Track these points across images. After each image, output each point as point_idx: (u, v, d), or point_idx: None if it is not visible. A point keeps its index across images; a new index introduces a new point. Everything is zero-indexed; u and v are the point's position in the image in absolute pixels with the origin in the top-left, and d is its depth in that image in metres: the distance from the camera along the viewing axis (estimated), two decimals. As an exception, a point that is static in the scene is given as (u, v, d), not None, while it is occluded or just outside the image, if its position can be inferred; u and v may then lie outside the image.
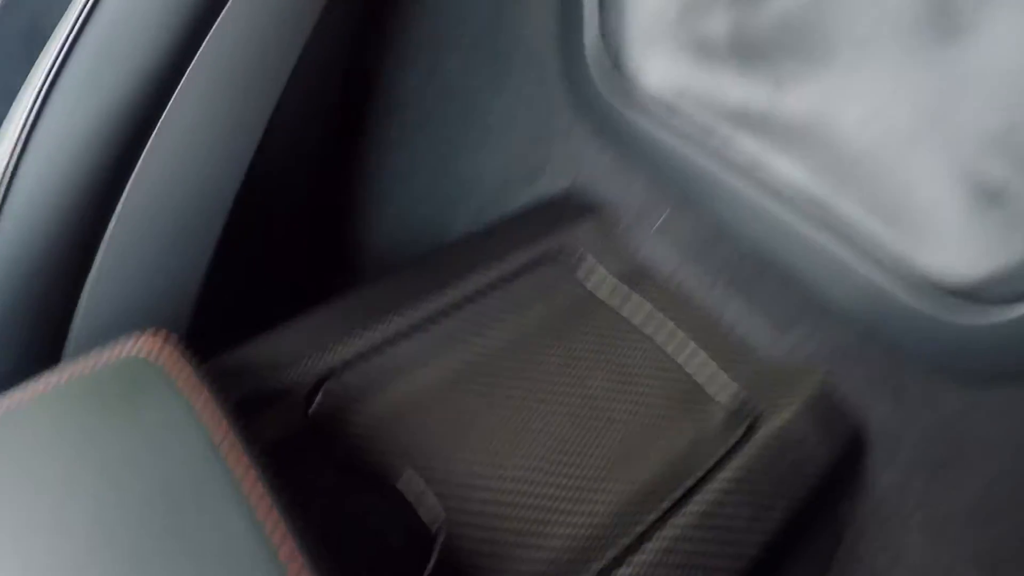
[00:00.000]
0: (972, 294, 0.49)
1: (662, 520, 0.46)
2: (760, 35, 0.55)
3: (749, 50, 0.56)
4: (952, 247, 0.49)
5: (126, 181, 0.53)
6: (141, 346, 0.39)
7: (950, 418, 0.52)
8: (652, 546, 0.44)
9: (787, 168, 0.55)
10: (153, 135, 0.53)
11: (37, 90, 0.50)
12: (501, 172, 0.73)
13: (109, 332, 0.54)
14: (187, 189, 0.58)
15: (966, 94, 0.48)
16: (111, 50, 0.51)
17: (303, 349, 0.50)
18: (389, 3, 0.76)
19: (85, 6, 0.50)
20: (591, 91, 0.64)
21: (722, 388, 0.54)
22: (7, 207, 0.50)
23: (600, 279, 0.60)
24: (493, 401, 0.51)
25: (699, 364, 0.55)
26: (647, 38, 0.61)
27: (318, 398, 0.48)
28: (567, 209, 0.65)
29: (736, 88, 0.57)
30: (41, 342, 0.55)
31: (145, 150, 0.53)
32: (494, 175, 0.73)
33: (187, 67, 0.54)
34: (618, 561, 0.44)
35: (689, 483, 0.48)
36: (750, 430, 0.52)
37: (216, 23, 0.54)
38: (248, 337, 0.49)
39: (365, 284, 0.56)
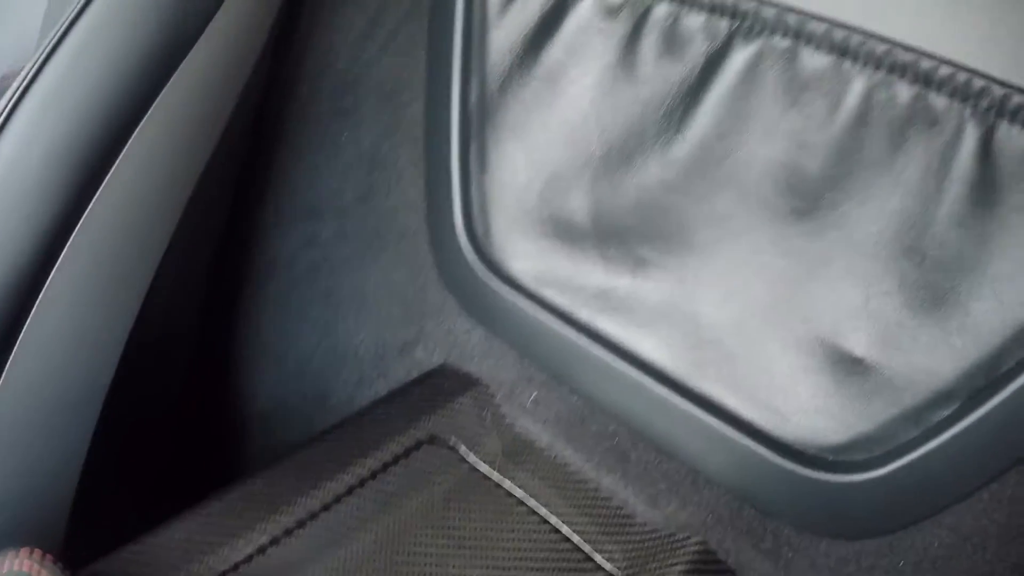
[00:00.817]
0: (835, 457, 0.51)
1: None
2: (619, 219, 0.56)
3: (609, 234, 0.57)
4: (813, 417, 0.51)
5: (6, 359, 0.51)
6: (22, 560, 0.37)
7: (827, 571, 0.54)
8: None
9: (649, 349, 0.57)
10: (34, 309, 0.52)
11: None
12: (376, 343, 0.73)
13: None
14: (67, 363, 0.57)
15: (823, 268, 0.49)
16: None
17: (185, 553, 0.48)
18: (266, 166, 0.76)
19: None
20: (461, 268, 0.64)
21: (608, 556, 0.56)
22: None
23: (479, 456, 0.61)
24: None
25: (583, 534, 0.57)
26: (510, 220, 0.62)
27: None
28: (443, 386, 0.66)
29: (597, 273, 0.58)
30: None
31: (23, 331, 0.51)
32: (369, 346, 0.73)
33: (74, 227, 0.53)
34: None
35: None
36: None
37: (101, 187, 0.54)
38: (132, 527, 0.47)
39: (246, 480, 0.55)
